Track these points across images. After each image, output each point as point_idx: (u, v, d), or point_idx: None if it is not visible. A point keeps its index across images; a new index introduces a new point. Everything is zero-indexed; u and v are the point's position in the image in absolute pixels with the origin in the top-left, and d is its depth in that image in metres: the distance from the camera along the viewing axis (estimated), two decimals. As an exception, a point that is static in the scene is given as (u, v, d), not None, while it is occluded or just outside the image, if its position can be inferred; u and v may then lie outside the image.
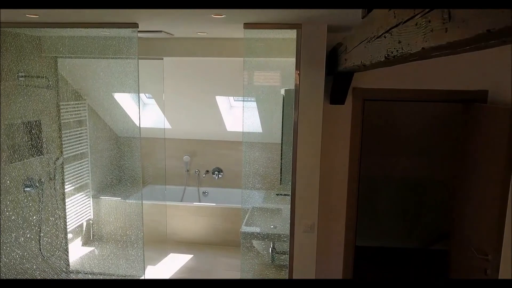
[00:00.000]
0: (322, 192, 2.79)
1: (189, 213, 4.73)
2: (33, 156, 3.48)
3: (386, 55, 1.14)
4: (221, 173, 5.32)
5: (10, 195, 3.18)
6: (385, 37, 1.16)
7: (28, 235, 3.41)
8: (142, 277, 3.60)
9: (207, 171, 5.34)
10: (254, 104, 4.90)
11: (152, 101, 5.16)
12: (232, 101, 5.08)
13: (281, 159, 2.98)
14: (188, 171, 5.36)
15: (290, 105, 2.91)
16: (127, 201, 4.77)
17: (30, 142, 3.42)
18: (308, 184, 2.68)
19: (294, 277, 2.80)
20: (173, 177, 5.38)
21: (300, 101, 2.59)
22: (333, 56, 2.57)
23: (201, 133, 5.16)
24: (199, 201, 5.35)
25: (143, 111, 5.13)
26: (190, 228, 4.74)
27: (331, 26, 2.51)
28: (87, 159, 4.56)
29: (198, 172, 5.36)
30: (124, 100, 4.77)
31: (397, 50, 1.03)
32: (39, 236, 3.54)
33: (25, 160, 3.38)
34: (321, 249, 2.98)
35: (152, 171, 5.33)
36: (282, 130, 2.94)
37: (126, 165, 4.87)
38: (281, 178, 2.99)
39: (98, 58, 3.69)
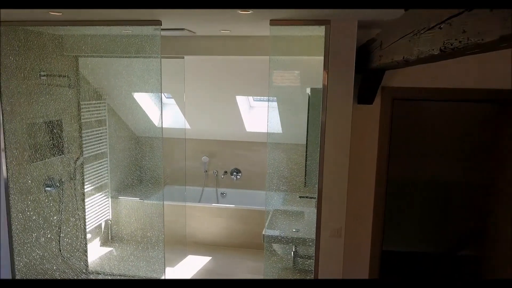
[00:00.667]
0: (347, 195, 2.69)
1: (207, 214, 4.67)
2: (54, 155, 3.47)
3: (442, 47, 1.05)
4: (240, 174, 5.25)
5: (31, 194, 3.16)
6: (440, 28, 1.07)
7: (49, 235, 3.39)
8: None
9: (226, 172, 5.28)
10: (274, 104, 4.83)
11: (171, 101, 5.12)
12: (252, 101, 5.01)
13: (305, 161, 2.89)
14: (206, 171, 5.30)
15: (317, 105, 2.81)
16: (145, 201, 4.74)
17: (51, 141, 3.40)
18: (335, 186, 2.58)
19: (320, 282, 2.70)
20: (191, 178, 5.33)
21: (328, 101, 2.50)
22: (362, 53, 2.47)
23: (220, 134, 5.10)
24: (217, 202, 5.29)
25: (162, 111, 5.09)
26: (209, 230, 4.68)
27: (362, 22, 2.41)
28: (106, 159, 4.53)
29: (216, 173, 5.30)
30: (144, 99, 4.75)
31: (459, 41, 0.94)
32: (59, 237, 3.52)
33: (46, 160, 3.36)
34: (345, 254, 2.88)
35: (170, 172, 5.29)
36: (307, 131, 2.84)
37: (146, 165, 4.84)
38: (305, 180, 2.90)
39: (119, 57, 3.66)
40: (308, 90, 2.87)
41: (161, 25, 2.66)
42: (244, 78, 4.09)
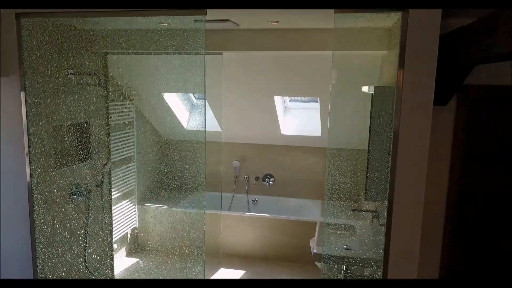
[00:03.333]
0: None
1: (241, 224, 4.33)
2: (81, 161, 3.17)
3: None
4: (272, 180, 4.90)
5: (57, 205, 2.87)
6: None
7: (76, 251, 3.09)
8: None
9: (257, 177, 4.93)
10: (316, 104, 4.47)
11: (202, 101, 4.81)
12: (288, 102, 4.66)
13: (367, 170, 2.52)
14: (237, 177, 4.97)
15: (382, 106, 2.45)
16: (174, 209, 4.43)
17: (79, 146, 3.11)
18: (409, 201, 2.21)
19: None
20: (221, 184, 5.01)
21: (403, 103, 2.13)
22: (445, 45, 2.09)
23: (253, 137, 4.76)
24: (248, 210, 4.95)
25: (192, 113, 4.79)
26: (242, 241, 4.34)
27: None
28: (133, 163, 4.24)
29: (247, 179, 4.96)
30: (174, 100, 4.44)
31: None
32: (85, 251, 3.22)
33: (73, 166, 3.07)
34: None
35: (199, 177, 4.96)
36: (369, 136, 2.48)
37: (174, 170, 4.54)
38: (366, 192, 2.54)
39: (153, 54, 3.35)
40: (371, 89, 2.50)
41: (205, 14, 2.32)
42: (284, 76, 3.73)
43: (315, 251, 2.87)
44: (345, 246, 3.10)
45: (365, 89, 2.87)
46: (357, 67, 2.94)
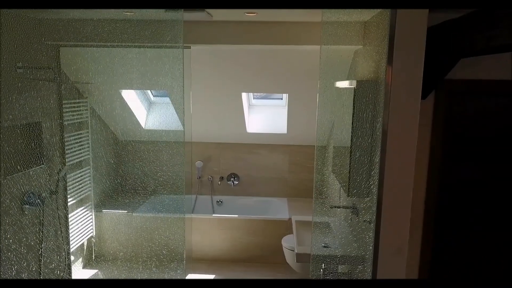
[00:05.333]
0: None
1: (207, 226, 4.16)
2: (33, 166, 2.83)
3: None
4: (237, 179, 4.76)
5: (9, 217, 2.52)
6: None
7: (33, 268, 2.74)
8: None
9: (222, 177, 4.77)
10: (279, 102, 4.40)
11: (160, 99, 4.55)
12: (252, 99, 4.55)
13: (349, 167, 2.48)
14: (200, 178, 4.77)
15: (364, 100, 2.43)
16: (134, 214, 4.15)
17: (31, 149, 2.76)
18: (398, 197, 2.20)
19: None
20: (179, 185, 4.78)
21: (392, 98, 2.10)
22: (430, 39, 2.09)
23: (216, 135, 4.59)
24: (213, 211, 4.78)
25: (150, 111, 4.51)
26: (209, 244, 4.17)
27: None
28: (88, 167, 3.89)
29: (211, 179, 4.78)
30: (131, 98, 4.14)
31: None
32: (40, 268, 2.88)
33: (24, 172, 2.72)
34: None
35: (162, 179, 4.70)
36: (352, 132, 2.44)
37: (132, 172, 4.25)
38: (349, 189, 2.50)
39: (117, 47, 3.07)
40: (352, 83, 2.45)
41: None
42: (252, 72, 3.62)
43: (297, 251, 2.78)
44: (323, 244, 3.06)
45: (340, 84, 2.84)
46: (328, 61, 2.89)
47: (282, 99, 4.55)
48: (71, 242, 3.47)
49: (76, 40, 2.87)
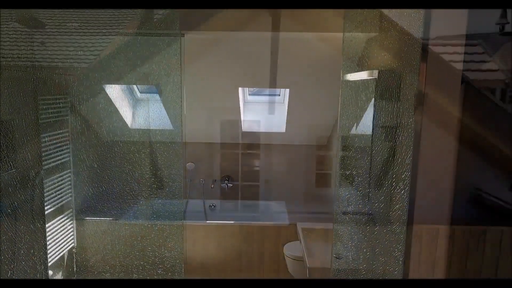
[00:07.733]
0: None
1: (202, 233, 3.82)
2: (4, 171, 2.44)
3: None
4: (231, 182, 4.44)
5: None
6: None
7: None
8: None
9: (215, 180, 4.44)
10: (276, 98, 4.09)
11: (147, 96, 4.18)
12: (247, 95, 4.23)
13: (370, 168, 2.20)
14: (191, 181, 4.42)
15: (387, 94, 2.14)
16: (120, 221, 3.77)
17: (1, 151, 2.38)
18: (432, 207, 1.92)
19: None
20: (172, 189, 4.42)
21: (426, 96, 1.82)
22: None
23: (209, 135, 4.25)
24: (205, 216, 4.44)
25: (136, 109, 4.14)
26: (202, 253, 3.83)
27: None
28: (68, 170, 3.50)
29: (203, 182, 4.44)
30: (116, 95, 3.76)
31: None
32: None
33: (-8, 178, 2.34)
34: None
35: (150, 182, 4.33)
36: (372, 129, 2.15)
37: (117, 175, 3.87)
38: (369, 194, 2.21)
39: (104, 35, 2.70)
40: (374, 74, 2.16)
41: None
42: (251, 65, 3.30)
43: (309, 265, 2.48)
44: (334, 255, 2.76)
45: (350, 76, 2.54)
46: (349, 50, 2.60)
47: (279, 95, 4.24)
48: (49, 255, 3.09)
49: (54, 24, 2.50)
